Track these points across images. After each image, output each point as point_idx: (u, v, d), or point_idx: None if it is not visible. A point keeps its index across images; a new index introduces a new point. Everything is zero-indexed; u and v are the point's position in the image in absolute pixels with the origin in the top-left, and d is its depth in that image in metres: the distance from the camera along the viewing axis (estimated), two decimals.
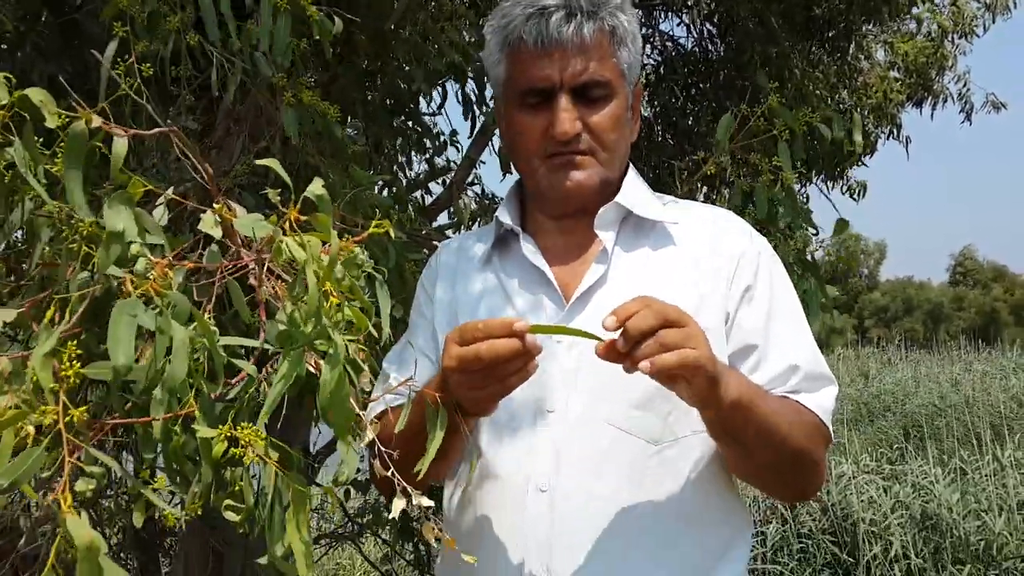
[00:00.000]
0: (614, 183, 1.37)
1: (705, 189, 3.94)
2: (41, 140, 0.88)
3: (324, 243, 0.89)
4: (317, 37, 1.62)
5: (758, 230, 1.43)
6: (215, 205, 0.91)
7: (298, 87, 1.74)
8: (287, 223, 0.89)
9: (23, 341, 0.90)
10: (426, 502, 0.99)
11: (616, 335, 1.05)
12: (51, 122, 0.82)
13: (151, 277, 0.82)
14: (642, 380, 1.10)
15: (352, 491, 3.14)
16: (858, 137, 1.92)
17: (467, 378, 1.10)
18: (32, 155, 0.84)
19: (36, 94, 0.83)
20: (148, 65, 1.47)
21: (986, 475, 6.41)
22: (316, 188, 0.92)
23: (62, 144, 0.85)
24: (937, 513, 5.89)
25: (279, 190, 0.93)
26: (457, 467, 1.36)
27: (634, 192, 1.38)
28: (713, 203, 3.61)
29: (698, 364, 1.04)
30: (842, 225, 1.92)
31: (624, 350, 1.04)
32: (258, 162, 0.95)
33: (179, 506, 0.88)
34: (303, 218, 0.90)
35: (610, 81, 1.31)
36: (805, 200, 4.88)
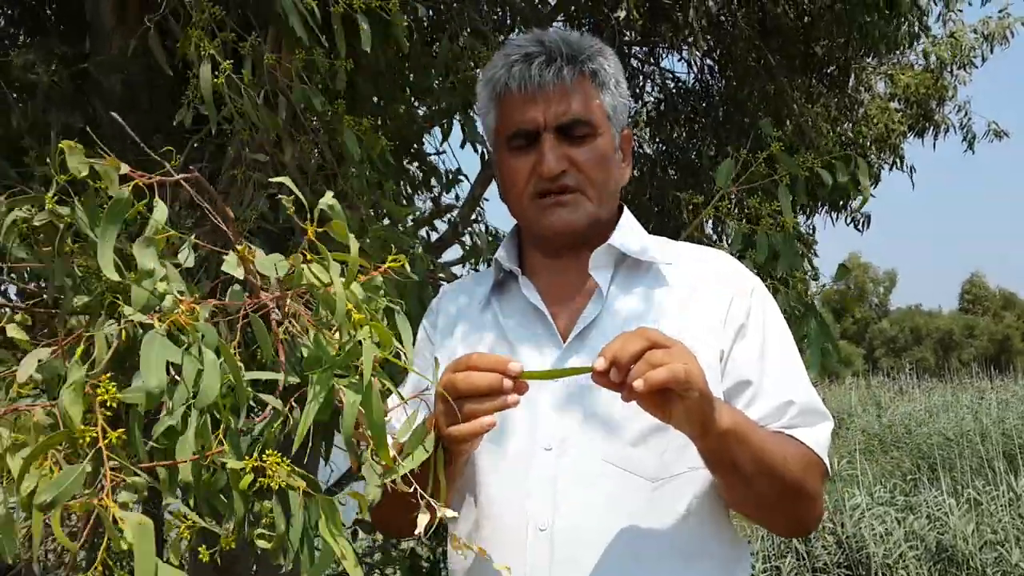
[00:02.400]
0: (604, 221, 1.39)
1: (711, 223, 3.98)
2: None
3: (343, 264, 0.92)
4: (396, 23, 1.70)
5: (758, 274, 1.45)
6: (238, 247, 0.94)
7: (351, 118, 1.79)
8: (306, 246, 0.91)
9: (49, 393, 0.92)
10: (450, 513, 1.02)
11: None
12: (113, 191, 0.86)
13: (179, 311, 0.85)
14: (637, 418, 1.11)
15: (360, 532, 3.14)
16: (865, 182, 1.93)
17: (446, 407, 1.13)
18: (93, 218, 0.88)
19: (101, 167, 0.87)
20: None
21: (1001, 505, 6.35)
22: (327, 200, 0.95)
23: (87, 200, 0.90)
24: (953, 545, 5.84)
25: (332, 194, 0.96)
26: (457, 507, 1.37)
27: (628, 234, 1.41)
28: (719, 238, 3.64)
29: (689, 376, 1.06)
30: (843, 271, 1.94)
31: (618, 379, 1.07)
32: (272, 179, 0.98)
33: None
34: (319, 230, 0.93)
35: (593, 120, 1.35)
36: (811, 231, 4.91)
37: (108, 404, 0.80)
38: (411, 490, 1.00)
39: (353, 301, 0.90)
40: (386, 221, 2.35)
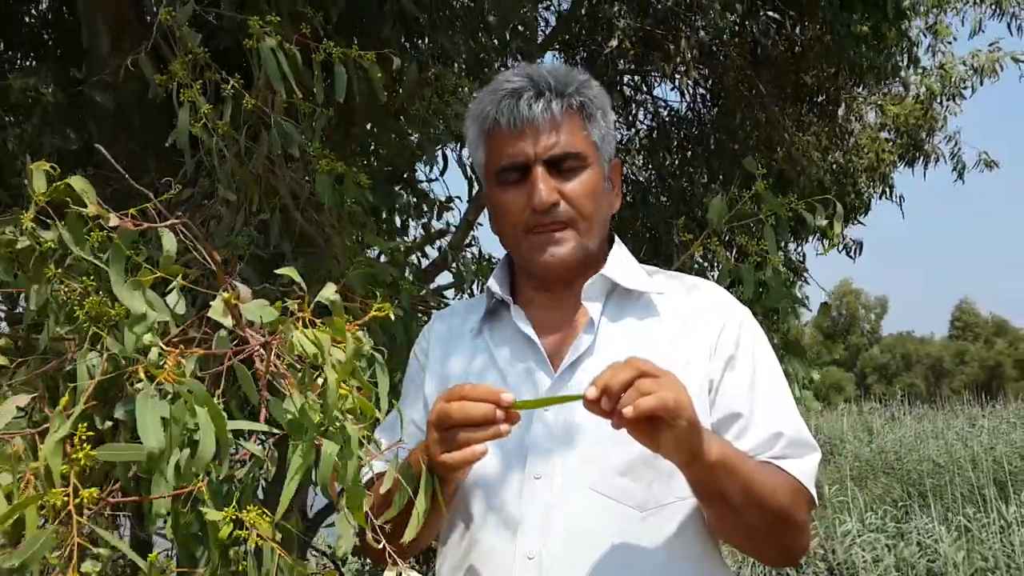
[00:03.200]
0: (595, 252, 1.41)
1: (701, 253, 4.00)
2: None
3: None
4: (377, 75, 1.73)
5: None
6: (224, 294, 0.95)
7: (328, 157, 1.81)
8: (300, 320, 0.92)
9: (29, 415, 0.93)
10: (414, 574, 1.02)
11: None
12: (91, 211, 0.87)
13: (165, 367, 0.86)
14: (625, 448, 1.12)
15: (349, 556, 3.12)
16: (837, 228, 1.96)
17: (439, 436, 1.14)
18: (77, 240, 0.89)
19: (78, 183, 0.88)
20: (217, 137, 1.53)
21: (992, 533, 6.34)
22: (328, 293, 0.96)
23: (92, 231, 0.90)
24: (943, 572, 5.82)
25: (296, 298, 0.97)
26: (447, 535, 1.37)
27: (619, 264, 1.42)
28: (710, 266, 3.66)
29: (678, 404, 1.08)
30: (825, 308, 1.96)
31: (608, 407, 1.09)
32: (278, 271, 0.99)
33: None
34: (318, 321, 0.94)
35: (583, 152, 1.37)
36: (802, 259, 4.95)
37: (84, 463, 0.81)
38: (380, 547, 1.01)
39: (346, 377, 0.91)
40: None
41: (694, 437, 1.12)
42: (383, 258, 2.36)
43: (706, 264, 3.83)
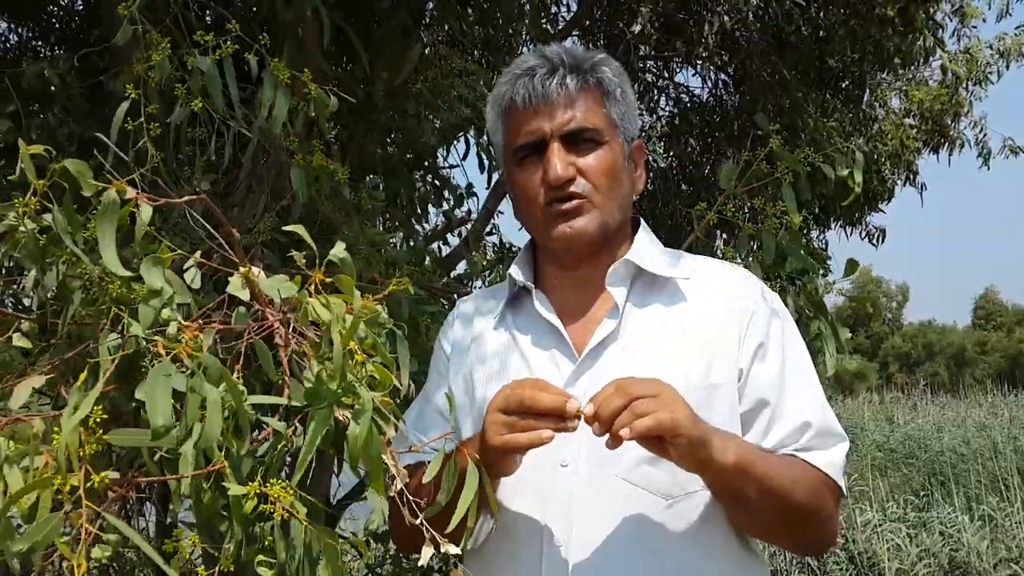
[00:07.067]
0: (615, 229, 1.39)
1: (724, 236, 3.97)
2: (76, 206, 0.92)
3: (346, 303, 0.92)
4: (312, 114, 1.67)
5: (767, 276, 1.45)
6: (241, 268, 0.95)
7: (307, 149, 1.78)
8: (312, 285, 0.92)
9: (54, 400, 0.93)
10: (454, 550, 1.02)
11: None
12: (87, 191, 0.87)
13: (182, 340, 0.85)
14: None
15: (372, 542, 3.13)
16: (858, 177, 1.88)
17: (504, 419, 1.15)
18: (71, 222, 0.88)
19: (73, 165, 0.88)
20: (156, 125, 1.52)
21: (1017, 522, 6.29)
22: (339, 252, 0.96)
23: (95, 210, 0.90)
24: (967, 561, 5.79)
25: (303, 252, 0.96)
26: (477, 523, 1.36)
27: (645, 249, 1.41)
28: (730, 243, 3.62)
29: (675, 424, 1.09)
30: (852, 266, 1.88)
31: (600, 432, 1.11)
32: (285, 228, 0.99)
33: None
34: (328, 280, 0.93)
35: (600, 128, 1.35)
36: (824, 246, 4.90)
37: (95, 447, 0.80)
38: (419, 522, 1.01)
39: (355, 343, 0.91)
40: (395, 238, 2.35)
41: (698, 450, 1.13)
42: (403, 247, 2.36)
43: (722, 244, 3.80)
